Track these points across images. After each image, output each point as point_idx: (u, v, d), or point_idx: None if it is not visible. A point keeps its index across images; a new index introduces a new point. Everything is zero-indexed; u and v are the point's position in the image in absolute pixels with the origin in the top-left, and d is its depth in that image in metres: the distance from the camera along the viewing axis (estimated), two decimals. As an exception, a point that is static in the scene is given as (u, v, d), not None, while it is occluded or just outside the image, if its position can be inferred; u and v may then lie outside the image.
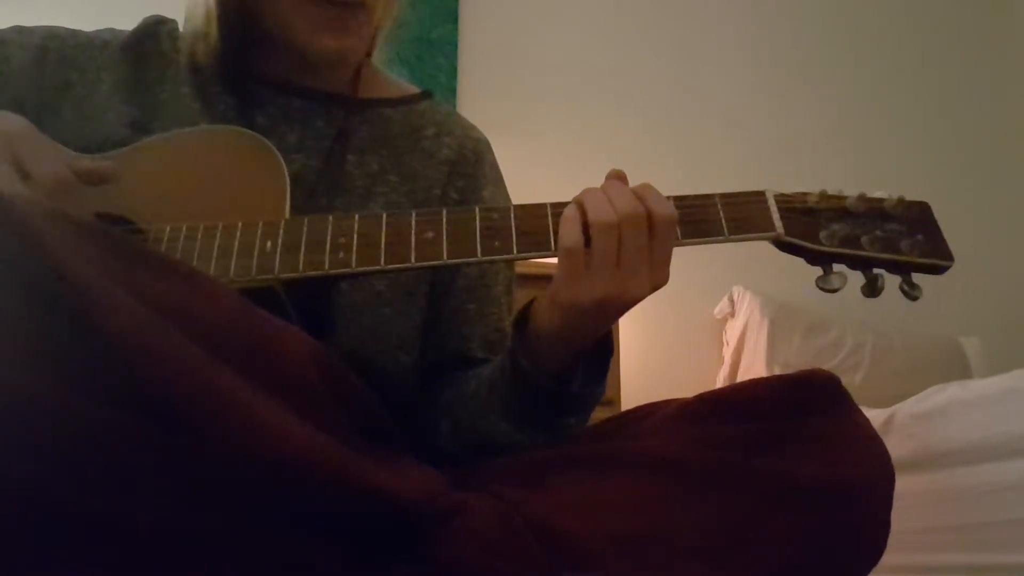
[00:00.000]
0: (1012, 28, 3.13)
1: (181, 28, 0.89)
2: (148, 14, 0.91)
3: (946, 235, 0.73)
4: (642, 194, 0.67)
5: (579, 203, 0.67)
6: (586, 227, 0.66)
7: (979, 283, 2.77)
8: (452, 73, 2.55)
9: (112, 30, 0.90)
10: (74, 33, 0.88)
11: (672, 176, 2.72)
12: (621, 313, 0.68)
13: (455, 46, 2.58)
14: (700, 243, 0.70)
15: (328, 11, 0.79)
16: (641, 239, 0.65)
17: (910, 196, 0.74)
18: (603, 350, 0.73)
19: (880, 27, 3.00)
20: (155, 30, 0.89)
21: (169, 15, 0.91)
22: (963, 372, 2.56)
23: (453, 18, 2.59)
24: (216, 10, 0.82)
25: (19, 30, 0.87)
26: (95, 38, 0.88)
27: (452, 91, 2.53)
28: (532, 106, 2.60)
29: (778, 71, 2.87)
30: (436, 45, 2.55)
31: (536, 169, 2.37)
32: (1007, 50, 3.11)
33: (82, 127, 0.81)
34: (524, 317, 0.71)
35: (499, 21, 2.65)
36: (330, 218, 0.71)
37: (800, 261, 0.74)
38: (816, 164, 2.74)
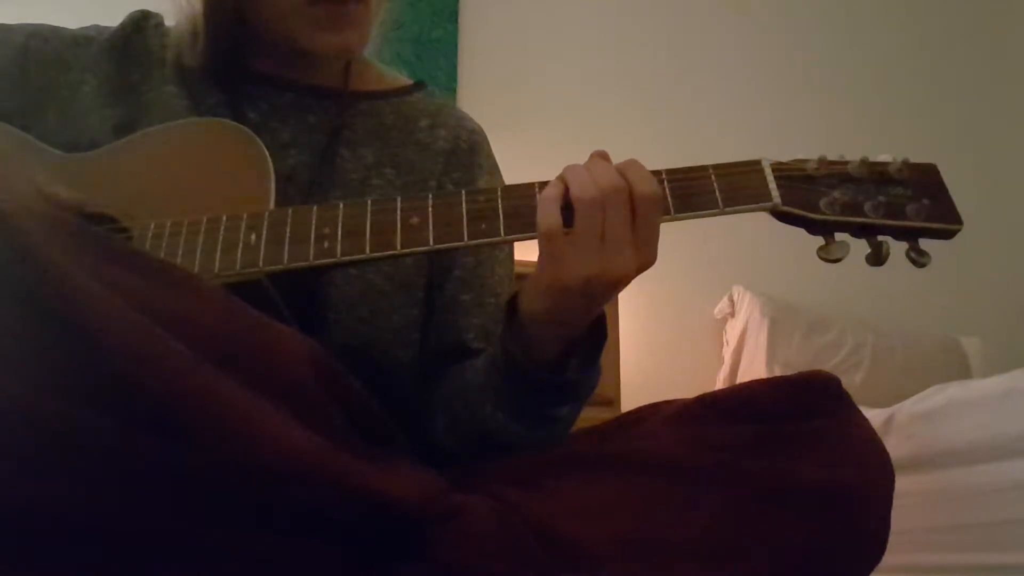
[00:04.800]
0: (1014, 31, 3.12)
1: (167, 22, 0.87)
2: (145, 5, 0.89)
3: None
4: (625, 170, 0.65)
5: (561, 179, 0.66)
6: (566, 206, 0.64)
7: (979, 283, 2.77)
8: (452, 73, 2.55)
9: (97, 27, 0.89)
10: (57, 31, 0.87)
11: (672, 176, 2.72)
12: (609, 294, 0.65)
13: (455, 46, 2.57)
14: (694, 217, 0.67)
15: (328, 10, 0.78)
16: (624, 214, 0.63)
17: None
18: (596, 335, 0.71)
19: (881, 30, 3.00)
20: (141, 25, 0.88)
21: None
22: (963, 372, 2.56)
23: (453, 18, 2.59)
24: (204, 16, 0.81)
25: (1, 28, 0.86)
26: (79, 35, 0.87)
27: (452, 91, 2.52)
28: (532, 106, 2.60)
29: (778, 75, 2.87)
30: (436, 45, 2.55)
31: (536, 168, 2.36)
32: (1009, 53, 3.11)
33: (67, 130, 0.80)
34: (513, 304, 0.70)
35: (499, 21, 2.65)
36: (315, 208, 0.69)
37: (800, 261, 0.73)
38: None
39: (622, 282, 0.64)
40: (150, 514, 0.47)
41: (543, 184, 0.68)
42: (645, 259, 0.65)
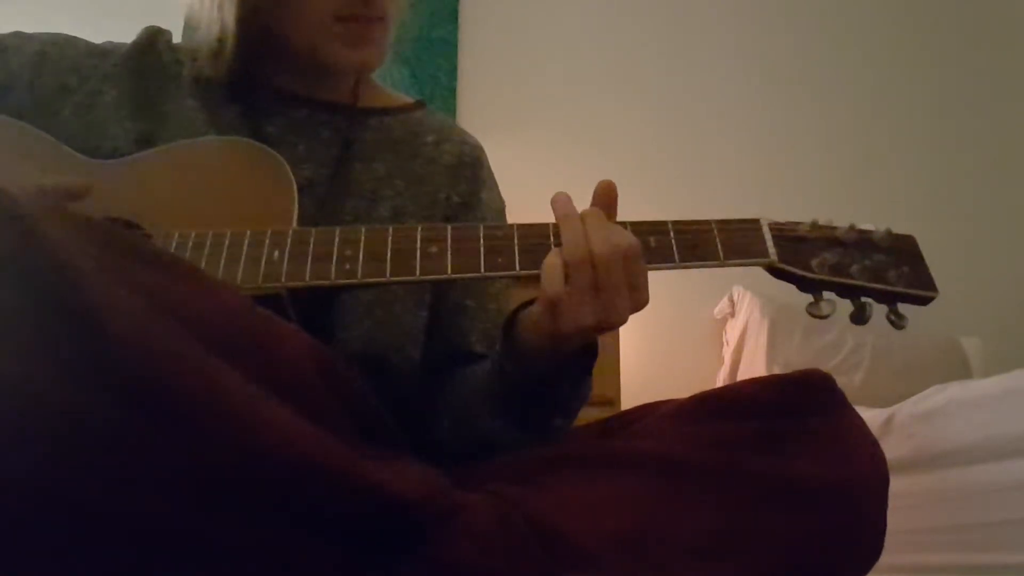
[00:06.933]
0: (1014, 31, 3.13)
1: (176, 38, 0.91)
2: (149, 13, 0.91)
3: (947, 235, 0.74)
4: (610, 233, 0.68)
5: (556, 235, 0.69)
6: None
7: (979, 283, 2.77)
8: (452, 73, 2.55)
9: (111, 43, 0.91)
10: (74, 41, 0.89)
11: (670, 176, 2.73)
12: (604, 333, 0.69)
13: (455, 46, 2.57)
14: (697, 266, 0.73)
15: (352, 27, 0.82)
16: (618, 274, 0.67)
17: (911, 196, 0.74)
18: (587, 352, 0.73)
19: (881, 30, 3.00)
20: (154, 41, 0.91)
21: (170, 14, 0.92)
22: (963, 372, 2.55)
23: (453, 18, 2.59)
24: (234, 29, 0.83)
25: (19, 35, 0.88)
26: (94, 48, 0.90)
27: (452, 91, 2.52)
28: (532, 106, 2.60)
29: (778, 75, 2.86)
30: (436, 45, 2.55)
31: (536, 169, 2.37)
32: (1010, 54, 3.11)
33: (88, 140, 0.82)
34: (512, 322, 0.73)
35: (499, 21, 2.65)
36: (337, 230, 0.72)
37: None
38: (814, 163, 2.73)
39: (617, 327, 0.68)
40: (152, 508, 0.47)
41: (556, 226, 0.71)
42: (639, 303, 0.68)
